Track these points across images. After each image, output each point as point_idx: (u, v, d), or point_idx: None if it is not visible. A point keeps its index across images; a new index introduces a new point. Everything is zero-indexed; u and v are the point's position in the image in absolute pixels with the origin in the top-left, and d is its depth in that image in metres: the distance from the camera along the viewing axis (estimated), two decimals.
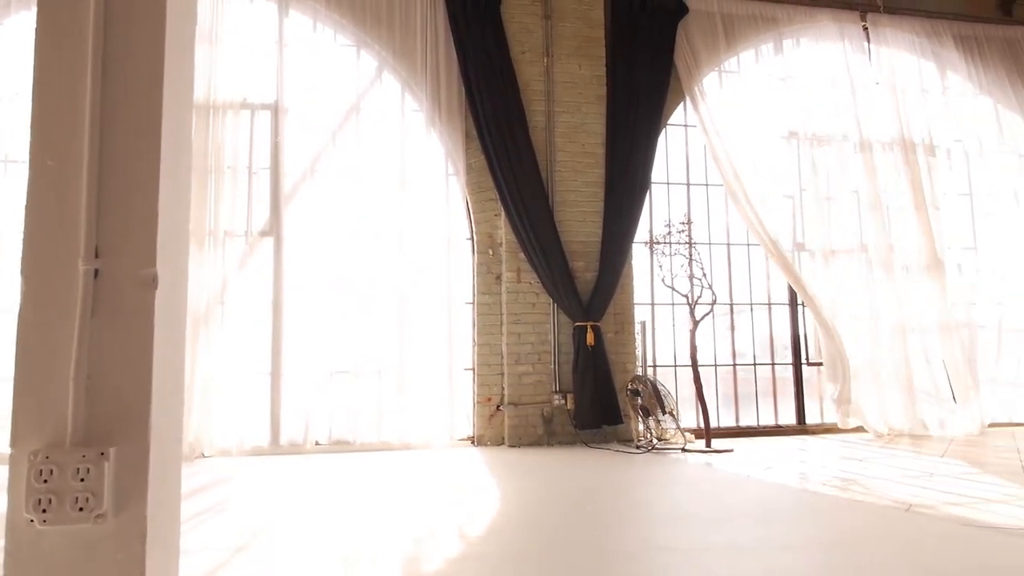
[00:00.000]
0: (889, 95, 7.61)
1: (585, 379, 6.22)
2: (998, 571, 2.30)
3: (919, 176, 7.45)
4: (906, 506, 3.36)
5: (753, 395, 7.20)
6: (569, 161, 6.63)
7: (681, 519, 3.27)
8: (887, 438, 6.55)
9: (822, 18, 7.48)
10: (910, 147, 7.50)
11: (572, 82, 6.73)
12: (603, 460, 5.34)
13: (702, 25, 7.10)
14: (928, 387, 7.06)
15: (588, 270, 6.52)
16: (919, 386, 7.02)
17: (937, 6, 7.89)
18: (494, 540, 2.86)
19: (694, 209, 7.20)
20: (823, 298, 6.95)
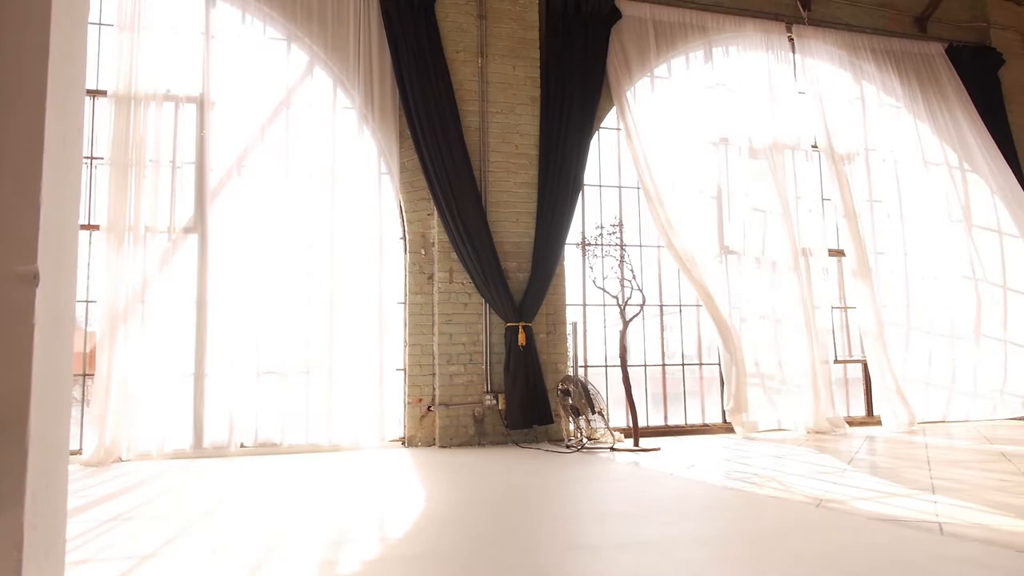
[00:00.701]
0: (813, 104, 7.87)
1: (516, 379, 6.24)
2: (899, 562, 2.39)
3: (846, 183, 7.74)
4: (817, 501, 3.48)
5: (682, 394, 7.34)
6: (503, 162, 6.64)
7: (601, 517, 3.31)
8: (808, 436, 6.76)
9: (750, 28, 7.69)
10: (832, 155, 7.77)
11: (506, 83, 6.74)
12: (533, 460, 5.37)
13: (635, 31, 7.21)
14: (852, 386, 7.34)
15: (520, 271, 6.54)
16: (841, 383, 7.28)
17: (858, 20, 8.21)
18: (415, 541, 2.84)
19: (626, 211, 7.31)
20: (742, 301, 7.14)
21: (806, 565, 2.41)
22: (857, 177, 7.96)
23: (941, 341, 7.98)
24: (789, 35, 7.87)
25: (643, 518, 3.25)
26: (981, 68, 8.41)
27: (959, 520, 2.99)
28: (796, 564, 2.43)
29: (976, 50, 8.49)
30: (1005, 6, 8.78)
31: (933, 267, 8.05)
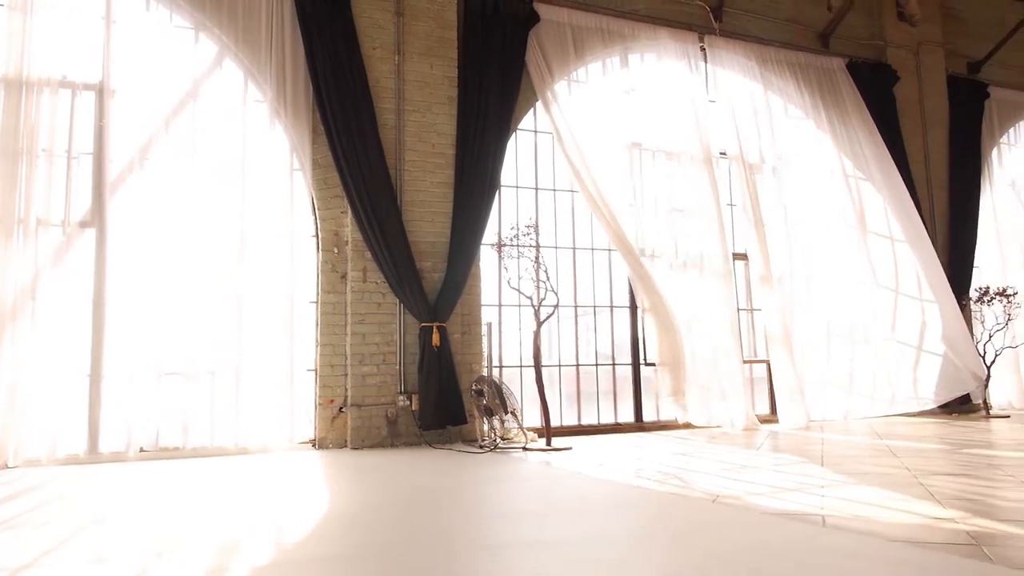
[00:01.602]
0: (723, 113, 8.14)
1: (430, 380, 6.21)
2: (780, 555, 2.50)
3: (755, 190, 8.03)
4: (713, 497, 3.59)
5: (595, 394, 7.46)
6: (419, 161, 6.60)
7: (507, 516, 3.33)
8: (717, 433, 6.98)
9: (664, 36, 7.88)
10: (742, 163, 8.06)
11: (423, 82, 6.70)
12: (445, 460, 5.35)
13: (553, 34, 7.29)
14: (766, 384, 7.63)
15: (436, 270, 6.51)
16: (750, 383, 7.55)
17: (766, 34, 8.53)
18: (314, 544, 2.78)
19: (541, 213, 7.38)
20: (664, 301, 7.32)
21: (693, 560, 2.48)
22: (765, 185, 8.27)
23: (840, 342, 8.39)
24: (702, 45, 8.11)
25: (548, 517, 3.28)
26: (878, 84, 8.88)
27: (842, 513, 3.14)
28: (684, 559, 2.50)
29: (874, 66, 8.96)
30: (900, 26, 9.29)
31: (833, 272, 8.44)
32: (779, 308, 7.96)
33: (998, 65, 10.04)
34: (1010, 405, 9.18)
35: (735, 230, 8.14)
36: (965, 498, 3.43)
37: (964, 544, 2.53)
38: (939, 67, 9.43)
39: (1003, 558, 2.36)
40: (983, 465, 4.54)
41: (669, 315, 7.25)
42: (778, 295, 7.99)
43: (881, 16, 9.24)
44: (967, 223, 9.31)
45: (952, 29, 9.77)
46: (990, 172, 9.79)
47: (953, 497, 3.45)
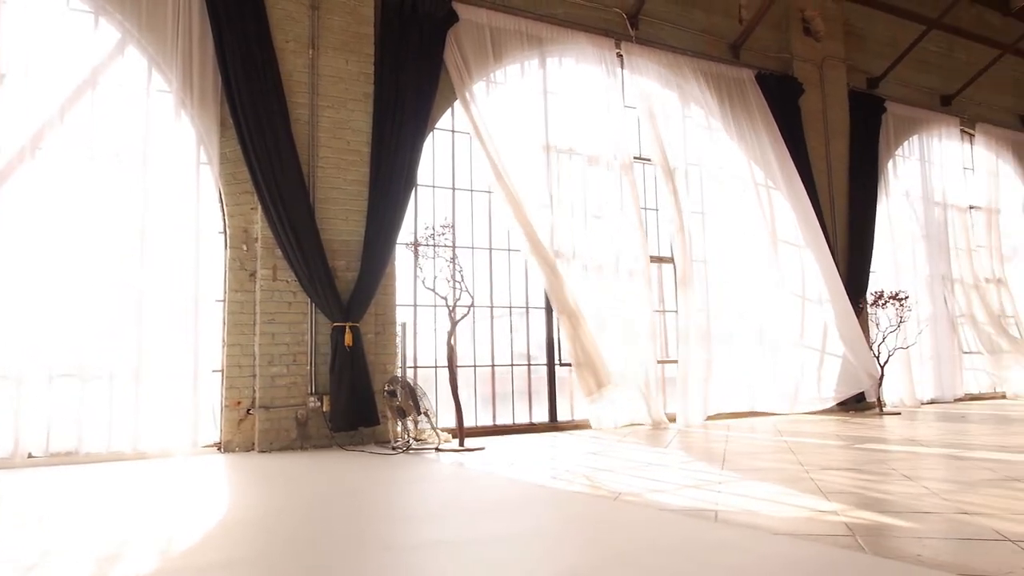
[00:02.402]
0: (640, 119, 8.32)
1: (342, 380, 6.11)
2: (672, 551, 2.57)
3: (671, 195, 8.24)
4: (616, 495, 3.66)
5: (511, 394, 7.50)
6: (333, 158, 6.48)
7: (413, 517, 3.30)
8: (629, 432, 7.12)
9: (582, 41, 7.99)
10: (657, 168, 8.25)
11: (338, 77, 6.58)
12: (356, 462, 5.27)
13: (472, 35, 7.28)
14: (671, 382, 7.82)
15: (349, 269, 6.41)
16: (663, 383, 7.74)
17: (681, 43, 8.77)
18: (205, 551, 2.69)
19: (458, 213, 7.37)
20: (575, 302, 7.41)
21: (588, 557, 2.52)
22: (680, 190, 8.48)
23: (748, 343, 8.71)
24: (618, 51, 8.27)
25: (453, 518, 3.28)
26: (784, 95, 9.25)
27: (734, 508, 3.25)
28: (581, 557, 2.54)
29: (781, 78, 9.33)
30: (806, 41, 9.72)
31: (744, 275, 8.76)
32: (691, 309, 8.19)
33: (894, 82, 10.63)
34: (901, 403, 9.71)
35: (651, 233, 8.32)
36: (849, 491, 3.61)
37: (841, 535, 2.66)
38: (841, 81, 9.91)
39: (874, 548, 2.49)
40: (870, 460, 4.79)
41: (579, 315, 7.31)
42: (691, 297, 8.22)
43: (788, 30, 9.63)
44: (865, 230, 9.81)
45: (853, 46, 10.28)
46: (886, 183, 10.34)
47: (838, 491, 3.62)
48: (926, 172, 10.92)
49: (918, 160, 10.94)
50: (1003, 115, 12.15)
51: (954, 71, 11.49)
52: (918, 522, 2.90)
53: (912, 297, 9.35)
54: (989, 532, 2.66)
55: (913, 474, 4.13)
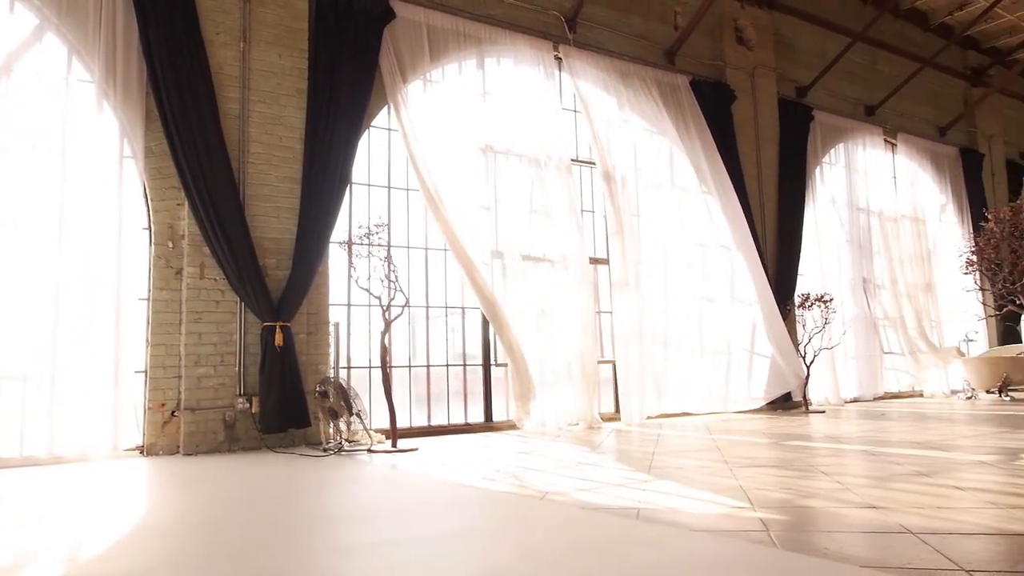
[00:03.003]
0: (578, 121, 8.39)
1: (272, 381, 5.99)
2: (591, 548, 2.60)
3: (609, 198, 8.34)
4: (543, 495, 3.69)
5: (446, 395, 7.47)
6: (264, 154, 6.34)
7: (338, 520, 3.26)
8: (563, 432, 7.17)
9: (521, 43, 8.02)
10: (593, 170, 8.34)
11: (271, 72, 6.45)
12: (284, 465, 5.17)
13: (409, 33, 7.23)
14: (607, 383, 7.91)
15: (280, 268, 6.29)
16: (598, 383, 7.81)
17: (618, 48, 8.88)
18: (114, 558, 2.59)
19: (395, 212, 7.30)
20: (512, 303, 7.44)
21: (509, 556, 2.53)
22: (617, 193, 8.59)
23: (682, 344, 8.89)
24: (557, 54, 8.33)
25: (380, 519, 3.25)
26: (717, 101, 9.47)
27: (656, 505, 3.31)
28: (502, 556, 2.55)
29: (714, 85, 9.55)
30: (738, 49, 9.97)
31: (678, 278, 8.93)
32: (628, 310, 8.31)
33: (822, 91, 11.00)
34: (826, 401, 10.06)
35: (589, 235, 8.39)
36: (768, 488, 3.72)
37: (755, 531, 2.74)
38: (771, 90, 10.21)
39: (785, 542, 2.57)
40: (791, 457, 4.94)
41: (504, 319, 7.29)
42: (627, 298, 8.34)
43: (722, 39, 9.87)
44: (793, 235, 10.12)
45: (783, 56, 10.60)
46: (814, 189, 10.69)
47: (758, 487, 3.72)
48: (851, 179, 11.34)
49: (844, 167, 11.35)
50: (923, 126, 12.71)
51: (878, 83, 11.97)
52: (829, 517, 3.00)
53: (837, 299, 9.68)
54: (895, 526, 2.78)
55: (830, 470, 4.28)
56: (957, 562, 2.25)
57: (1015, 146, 14.28)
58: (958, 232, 12.47)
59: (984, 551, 2.41)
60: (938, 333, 11.86)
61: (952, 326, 12.13)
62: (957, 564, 2.23)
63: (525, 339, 7.45)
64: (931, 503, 3.21)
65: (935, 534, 2.61)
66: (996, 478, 3.88)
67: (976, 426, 6.88)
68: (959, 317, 12.14)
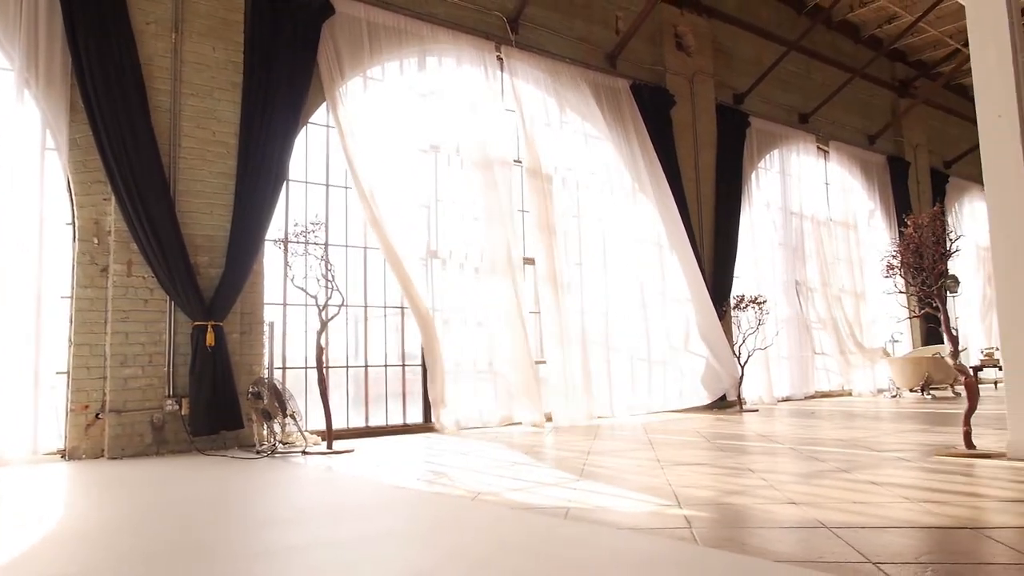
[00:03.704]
0: (519, 122, 8.42)
1: (203, 382, 5.83)
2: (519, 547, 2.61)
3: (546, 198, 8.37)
4: (474, 495, 3.69)
5: (384, 395, 7.40)
6: (197, 148, 6.18)
7: (265, 523, 3.20)
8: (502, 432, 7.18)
9: (463, 42, 8.00)
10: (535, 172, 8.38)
11: (205, 64, 6.28)
12: (214, 468, 5.05)
13: (348, 29, 7.14)
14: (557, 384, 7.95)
15: (213, 266, 6.13)
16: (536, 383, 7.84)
17: (560, 50, 8.95)
18: (25, 566, 2.49)
19: (333, 210, 7.20)
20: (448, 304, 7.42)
21: (434, 557, 2.52)
22: (556, 194, 8.65)
23: (620, 345, 9.00)
24: (499, 54, 8.34)
25: (309, 522, 3.20)
26: (657, 106, 9.63)
27: (586, 504, 3.35)
28: (427, 557, 2.54)
29: (654, 89, 9.71)
30: (678, 55, 10.16)
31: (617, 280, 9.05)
32: (566, 311, 8.38)
33: (758, 98, 11.29)
34: (760, 400, 10.33)
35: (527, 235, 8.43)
36: (695, 485, 3.80)
37: (679, 528, 2.79)
38: (710, 96, 10.43)
39: (705, 539, 2.63)
40: (721, 455, 5.06)
41: (425, 316, 7.24)
42: (565, 299, 8.40)
43: (662, 44, 10.03)
44: (730, 238, 10.36)
45: (722, 63, 10.85)
46: (750, 193, 10.96)
47: (686, 485, 3.80)
48: (785, 184, 11.68)
49: (778, 173, 11.68)
50: (853, 134, 13.17)
51: (811, 91, 12.35)
52: (751, 513, 3.08)
53: (770, 301, 9.96)
54: (812, 521, 2.87)
55: (757, 468, 4.39)
56: (866, 555, 2.34)
57: (938, 155, 14.92)
58: (886, 237, 12.95)
59: (893, 544, 2.51)
60: (866, 334, 12.31)
61: (879, 327, 12.61)
62: (866, 557, 2.32)
63: (460, 339, 7.44)
64: (848, 498, 3.33)
65: (848, 528, 2.71)
66: (911, 474, 4.04)
67: (898, 424, 7.16)
68: (885, 319, 12.63)
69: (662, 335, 9.30)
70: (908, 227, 5.05)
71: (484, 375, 7.52)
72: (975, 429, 4.99)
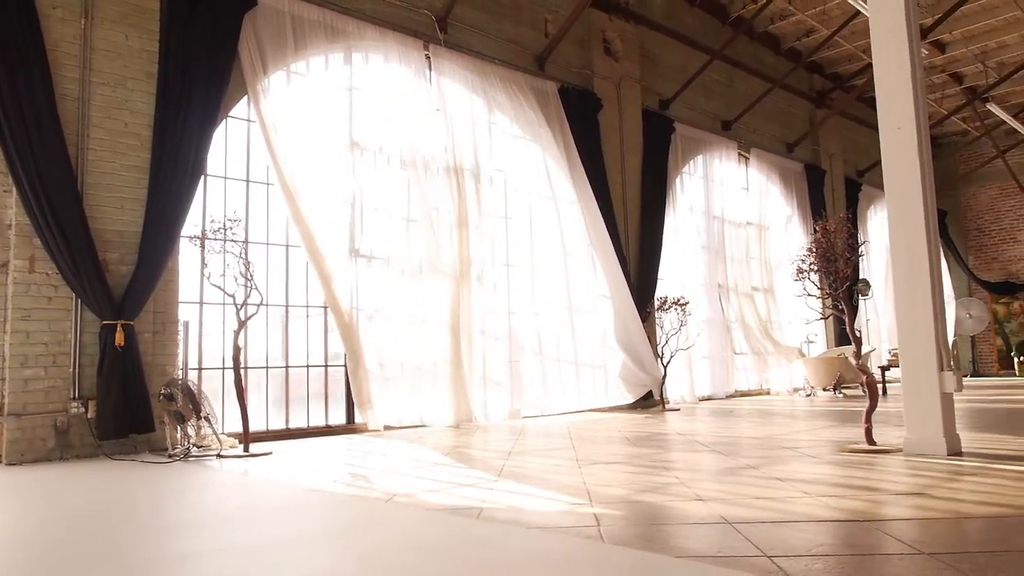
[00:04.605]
0: (446, 122, 8.39)
1: (111, 384, 5.60)
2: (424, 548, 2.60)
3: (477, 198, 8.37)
4: (390, 496, 3.66)
5: (305, 397, 7.26)
6: (107, 140, 5.93)
7: (170, 529, 3.09)
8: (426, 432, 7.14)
9: (390, 40, 7.92)
10: (460, 171, 8.37)
11: (116, 52, 6.03)
12: (122, 473, 4.85)
13: (271, 21, 6.97)
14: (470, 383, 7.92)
15: (124, 263, 5.89)
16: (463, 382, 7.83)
17: (489, 51, 8.96)
18: None
19: (255, 207, 7.03)
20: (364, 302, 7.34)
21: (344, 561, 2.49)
22: (485, 194, 8.65)
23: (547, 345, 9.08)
24: (427, 53, 8.29)
25: (216, 527, 3.12)
26: (585, 109, 9.75)
27: (500, 504, 3.37)
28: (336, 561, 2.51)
29: (582, 93, 9.83)
30: (606, 59, 10.32)
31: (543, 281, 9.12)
32: (493, 311, 8.40)
33: (683, 105, 11.58)
34: (682, 399, 10.59)
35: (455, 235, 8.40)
36: (609, 485, 3.87)
37: (588, 526, 2.84)
38: (636, 101, 10.62)
39: (612, 536, 2.68)
40: (638, 454, 5.16)
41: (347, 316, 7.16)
42: (492, 299, 8.43)
43: (590, 48, 10.17)
44: (655, 241, 10.58)
45: (648, 69, 11.06)
46: (674, 197, 11.22)
47: (600, 483, 3.86)
48: (708, 189, 12.01)
49: (702, 178, 12.00)
50: (772, 142, 13.64)
51: (734, 100, 12.73)
52: (660, 510, 3.16)
53: (693, 303, 10.22)
54: (716, 517, 2.96)
55: (671, 465, 4.50)
56: (763, 549, 2.43)
57: (852, 164, 15.60)
58: (802, 241, 13.47)
59: (790, 538, 2.61)
60: (783, 335, 12.77)
61: (795, 328, 13.09)
62: (762, 551, 2.41)
63: (384, 339, 7.38)
64: (753, 494, 3.44)
65: (749, 523, 2.80)
66: (815, 469, 4.22)
67: (810, 421, 7.46)
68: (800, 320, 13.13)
69: (588, 336, 9.42)
70: (817, 233, 5.27)
71: (410, 375, 7.46)
72: (878, 426, 5.25)
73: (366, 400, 7.09)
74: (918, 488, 3.57)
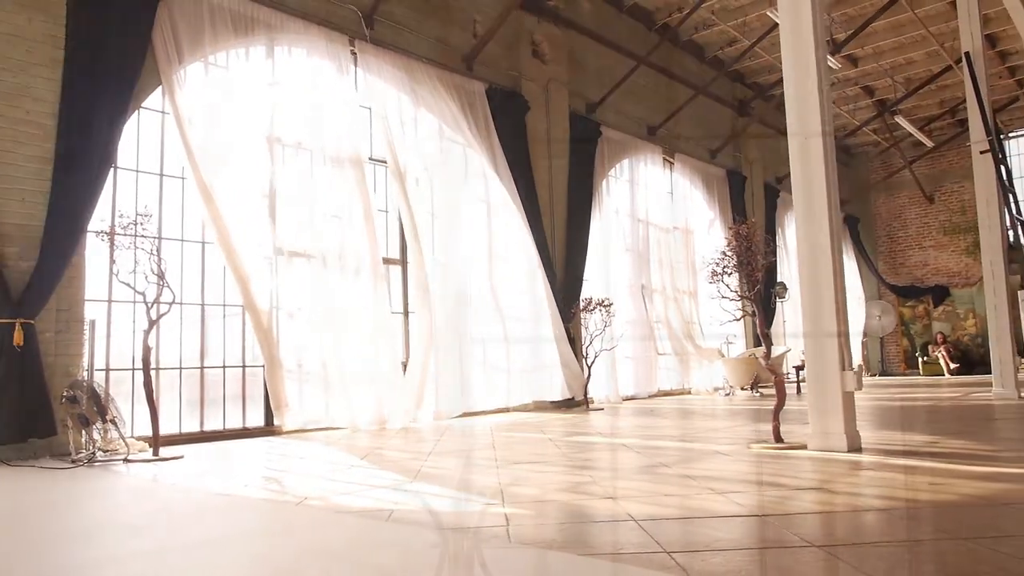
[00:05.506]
0: (373, 119, 8.29)
1: (8, 385, 5.32)
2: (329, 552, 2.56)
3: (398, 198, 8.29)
4: (301, 500, 3.59)
5: (221, 398, 7.06)
6: (8, 129, 5.62)
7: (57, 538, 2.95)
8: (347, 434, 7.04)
9: (315, 34, 7.77)
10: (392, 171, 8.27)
11: (18, 36, 5.73)
12: (17, 479, 4.61)
13: (188, 10, 6.74)
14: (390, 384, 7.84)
15: (24, 259, 5.60)
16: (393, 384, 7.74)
17: (416, 49, 8.90)
18: None
19: (169, 202, 6.79)
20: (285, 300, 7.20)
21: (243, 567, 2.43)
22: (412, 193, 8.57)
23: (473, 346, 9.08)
24: (352, 49, 8.17)
25: (109, 535, 2.99)
26: (512, 111, 9.80)
27: (412, 507, 3.35)
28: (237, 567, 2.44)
29: (510, 94, 9.87)
30: (534, 62, 10.39)
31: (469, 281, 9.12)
32: (421, 311, 8.35)
33: (610, 109, 11.76)
34: (607, 399, 10.75)
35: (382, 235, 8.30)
36: (524, 484, 3.89)
37: (497, 526, 2.85)
38: (564, 104, 10.73)
39: (519, 535, 2.70)
40: (558, 453, 5.22)
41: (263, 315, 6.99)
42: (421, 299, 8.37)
43: (518, 50, 10.22)
44: (581, 243, 10.70)
45: (576, 72, 11.20)
46: (600, 200, 11.38)
47: (515, 483, 3.89)
48: (633, 193, 12.24)
49: (627, 182, 12.22)
50: (696, 148, 14.01)
51: (659, 105, 13.01)
52: (570, 509, 3.20)
53: (617, 304, 10.39)
54: (623, 514, 3.01)
55: (587, 465, 4.57)
56: (663, 545, 2.49)
57: (772, 171, 16.16)
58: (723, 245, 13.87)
59: (692, 534, 2.68)
60: (704, 335, 13.13)
61: (715, 329, 13.47)
62: (663, 547, 2.46)
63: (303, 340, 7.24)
64: (660, 491, 3.53)
65: (653, 520, 2.87)
66: (724, 466, 4.35)
67: (727, 420, 7.69)
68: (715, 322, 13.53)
69: (513, 336, 9.46)
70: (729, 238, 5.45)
71: (331, 376, 7.32)
72: (788, 424, 5.45)
73: (283, 401, 6.93)
74: (817, 484, 3.73)
